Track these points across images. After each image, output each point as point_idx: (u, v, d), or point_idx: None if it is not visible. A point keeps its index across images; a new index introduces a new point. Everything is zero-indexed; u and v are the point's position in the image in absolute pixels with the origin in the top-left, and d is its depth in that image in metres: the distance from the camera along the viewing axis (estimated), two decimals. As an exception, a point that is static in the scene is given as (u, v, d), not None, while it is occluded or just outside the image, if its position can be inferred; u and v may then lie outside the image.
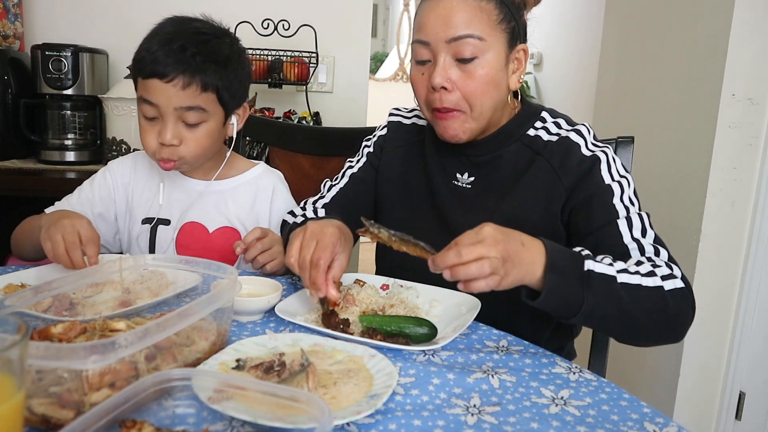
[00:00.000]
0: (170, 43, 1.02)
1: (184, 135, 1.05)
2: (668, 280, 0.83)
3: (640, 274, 0.82)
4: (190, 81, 1.01)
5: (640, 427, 0.63)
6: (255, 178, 1.22)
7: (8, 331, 0.46)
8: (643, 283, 0.81)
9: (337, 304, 0.88)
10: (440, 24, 0.93)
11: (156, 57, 1.01)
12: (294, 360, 0.66)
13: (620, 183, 0.96)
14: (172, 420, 0.57)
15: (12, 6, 2.04)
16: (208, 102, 1.04)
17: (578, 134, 1.00)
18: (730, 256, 1.70)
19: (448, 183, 1.06)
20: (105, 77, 2.08)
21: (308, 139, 1.52)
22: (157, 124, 1.05)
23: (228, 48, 1.08)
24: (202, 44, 1.04)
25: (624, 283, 0.80)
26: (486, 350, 0.80)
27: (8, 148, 1.97)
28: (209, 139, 1.08)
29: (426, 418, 0.61)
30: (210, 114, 1.06)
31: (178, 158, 1.07)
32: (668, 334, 0.86)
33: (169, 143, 1.04)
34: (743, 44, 1.59)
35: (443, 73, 0.94)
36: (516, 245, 0.76)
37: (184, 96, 1.02)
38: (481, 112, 0.97)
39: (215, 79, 1.04)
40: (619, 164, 0.99)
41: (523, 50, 1.00)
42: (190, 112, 1.03)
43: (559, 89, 3.72)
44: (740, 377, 1.75)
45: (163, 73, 1.01)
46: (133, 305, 0.82)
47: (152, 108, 1.04)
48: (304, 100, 2.24)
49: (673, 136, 1.80)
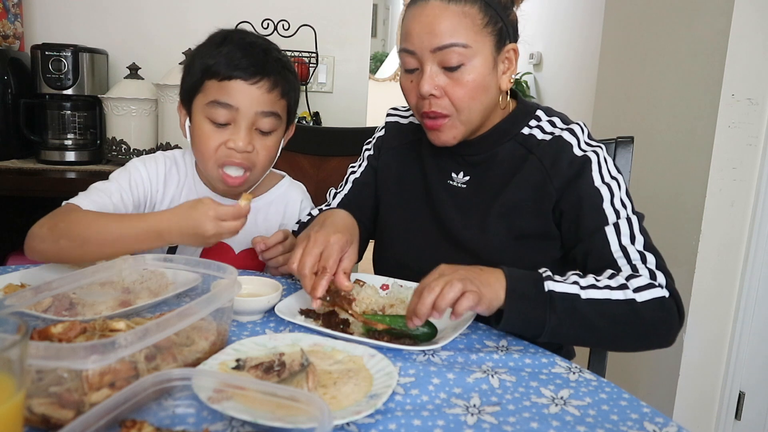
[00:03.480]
0: (251, 47, 1.00)
1: (255, 143, 1.02)
2: (645, 291, 0.85)
3: (609, 288, 0.84)
4: (274, 85, 0.99)
5: (639, 427, 0.63)
6: (282, 194, 1.19)
7: (8, 331, 0.46)
8: (612, 297, 0.83)
9: (351, 298, 0.88)
10: (425, 33, 0.92)
11: (237, 59, 0.99)
12: (294, 360, 0.66)
13: (610, 186, 0.95)
14: (172, 420, 0.57)
15: (12, 6, 2.04)
16: (282, 110, 1.03)
17: (571, 133, 1.00)
18: (730, 256, 1.70)
19: (443, 183, 1.07)
20: (105, 77, 2.08)
21: (308, 139, 1.52)
22: (225, 131, 1.01)
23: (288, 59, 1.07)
24: (278, 52, 1.03)
25: (590, 299, 0.82)
26: (486, 350, 0.80)
27: (8, 148, 1.97)
28: (275, 150, 1.05)
29: (426, 418, 0.61)
30: (281, 123, 1.04)
31: (252, 166, 1.03)
32: (645, 343, 0.88)
33: (244, 150, 1.00)
34: (743, 44, 1.59)
35: (431, 82, 0.94)
36: (474, 270, 0.82)
37: (268, 99, 1.00)
38: (470, 116, 0.97)
39: (291, 88, 1.03)
40: (611, 165, 0.98)
41: (513, 50, 0.99)
42: (267, 119, 1.01)
43: (559, 89, 3.72)
44: (740, 377, 1.75)
45: (250, 75, 0.98)
46: (133, 305, 0.82)
47: (228, 112, 1.00)
48: (304, 100, 2.23)
49: (673, 136, 1.80)
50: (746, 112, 1.62)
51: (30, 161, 1.99)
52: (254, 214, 1.12)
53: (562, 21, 3.62)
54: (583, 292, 0.83)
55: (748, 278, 1.69)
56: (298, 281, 1.03)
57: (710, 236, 1.68)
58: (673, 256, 1.77)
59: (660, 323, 0.86)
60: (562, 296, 0.81)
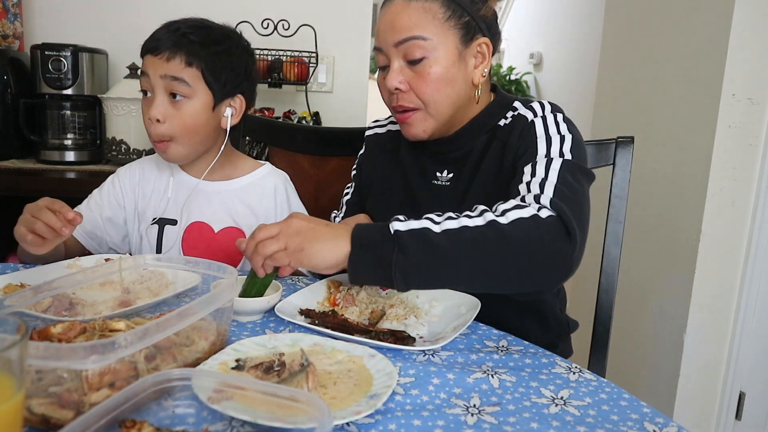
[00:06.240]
0: (169, 26, 1.11)
1: (170, 113, 1.09)
2: (510, 212, 0.80)
3: (468, 217, 0.80)
4: (175, 54, 1.08)
5: (640, 427, 0.63)
6: (261, 178, 1.23)
7: (8, 331, 0.46)
8: (469, 224, 0.79)
9: (336, 304, 0.88)
10: (388, 29, 0.97)
11: (154, 37, 1.10)
12: (294, 360, 0.66)
13: (551, 138, 0.95)
14: (171, 420, 0.57)
15: (12, 6, 2.04)
16: (193, 78, 1.09)
17: (529, 109, 1.01)
18: (730, 256, 1.70)
19: (428, 183, 1.07)
20: (105, 77, 2.08)
21: (308, 139, 1.52)
22: (150, 102, 1.10)
23: (223, 37, 1.13)
24: (196, 28, 1.11)
25: (444, 230, 0.78)
26: (486, 350, 0.80)
27: (8, 148, 1.97)
28: (195, 119, 1.11)
29: (426, 418, 0.61)
30: (194, 91, 1.09)
31: (169, 137, 1.10)
32: (528, 270, 0.79)
33: (155, 117, 1.08)
34: (743, 44, 1.59)
35: (396, 76, 0.98)
36: (317, 226, 0.82)
37: (169, 66, 1.08)
38: (438, 109, 0.99)
39: (199, 57, 1.09)
40: (563, 126, 0.97)
41: (485, 44, 1.00)
42: (175, 83, 1.08)
43: (559, 89, 3.72)
44: (740, 377, 1.75)
45: (155, 48, 1.08)
46: (133, 305, 0.82)
47: (145, 80, 1.10)
48: (303, 100, 2.24)
49: (673, 136, 1.80)
50: (746, 112, 1.62)
51: (30, 161, 1.99)
52: (231, 196, 1.20)
53: (562, 21, 3.62)
54: (436, 226, 0.78)
55: (748, 278, 1.69)
56: (299, 281, 1.03)
57: (710, 236, 1.68)
58: (673, 256, 1.78)
59: (535, 244, 0.78)
60: (410, 233, 0.78)
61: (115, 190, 1.23)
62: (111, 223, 1.21)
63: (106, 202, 1.22)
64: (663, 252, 1.82)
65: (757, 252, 1.68)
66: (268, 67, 2.16)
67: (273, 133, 1.57)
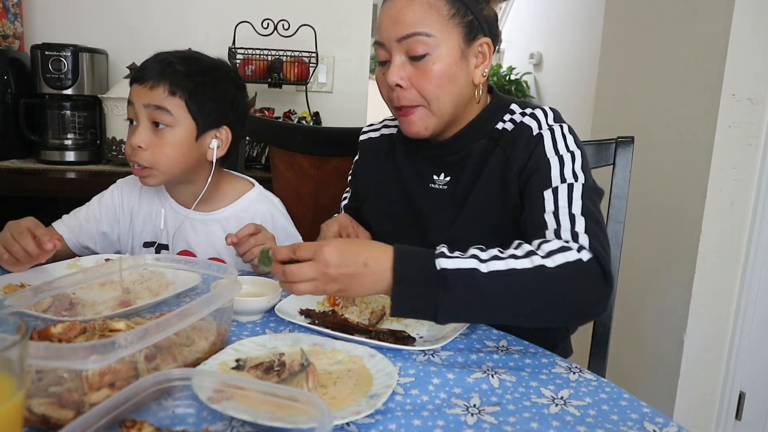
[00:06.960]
0: (158, 56, 1.11)
1: (153, 141, 1.09)
2: (556, 255, 0.79)
3: (515, 258, 0.78)
4: (158, 83, 1.08)
5: (639, 427, 0.63)
6: (247, 205, 1.21)
7: (8, 331, 0.46)
8: (518, 266, 0.77)
9: (336, 304, 0.88)
10: (391, 24, 0.96)
11: (141, 66, 1.11)
12: (294, 360, 0.66)
13: (563, 157, 0.94)
14: (172, 420, 0.57)
15: (12, 6, 2.04)
16: (175, 107, 1.08)
17: (533, 117, 1.00)
18: (730, 256, 1.70)
19: (425, 187, 1.07)
20: (105, 77, 2.08)
21: (308, 139, 1.52)
22: (134, 130, 1.11)
23: (209, 67, 1.13)
24: (183, 59, 1.11)
25: (492, 272, 0.76)
26: (486, 350, 0.80)
27: (8, 148, 1.97)
28: (177, 149, 1.10)
29: (426, 418, 0.61)
30: (177, 120, 1.09)
31: (149, 165, 1.09)
32: (568, 314, 0.82)
33: (137, 144, 1.08)
34: (743, 44, 1.59)
35: (398, 72, 0.97)
36: (355, 268, 0.75)
37: (153, 95, 1.08)
38: (440, 106, 0.98)
39: (182, 87, 1.08)
40: (570, 140, 0.97)
41: (487, 44, 1.00)
42: (158, 112, 1.08)
43: (559, 89, 3.72)
44: (740, 377, 1.75)
45: (141, 77, 1.09)
46: (133, 305, 0.82)
47: (131, 108, 1.11)
48: (303, 100, 2.23)
49: (673, 136, 1.80)
50: (746, 112, 1.62)
51: (30, 161, 1.99)
52: (216, 226, 1.19)
53: (562, 21, 3.62)
54: (483, 265, 0.76)
55: (748, 278, 1.69)
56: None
57: (710, 236, 1.67)
58: (673, 256, 1.78)
59: (579, 289, 0.79)
60: (457, 273, 0.75)
61: (113, 204, 1.23)
62: (105, 237, 1.21)
63: (104, 215, 1.21)
64: (663, 252, 1.82)
65: (757, 252, 1.68)
66: (268, 67, 2.16)
67: (273, 133, 1.57)
